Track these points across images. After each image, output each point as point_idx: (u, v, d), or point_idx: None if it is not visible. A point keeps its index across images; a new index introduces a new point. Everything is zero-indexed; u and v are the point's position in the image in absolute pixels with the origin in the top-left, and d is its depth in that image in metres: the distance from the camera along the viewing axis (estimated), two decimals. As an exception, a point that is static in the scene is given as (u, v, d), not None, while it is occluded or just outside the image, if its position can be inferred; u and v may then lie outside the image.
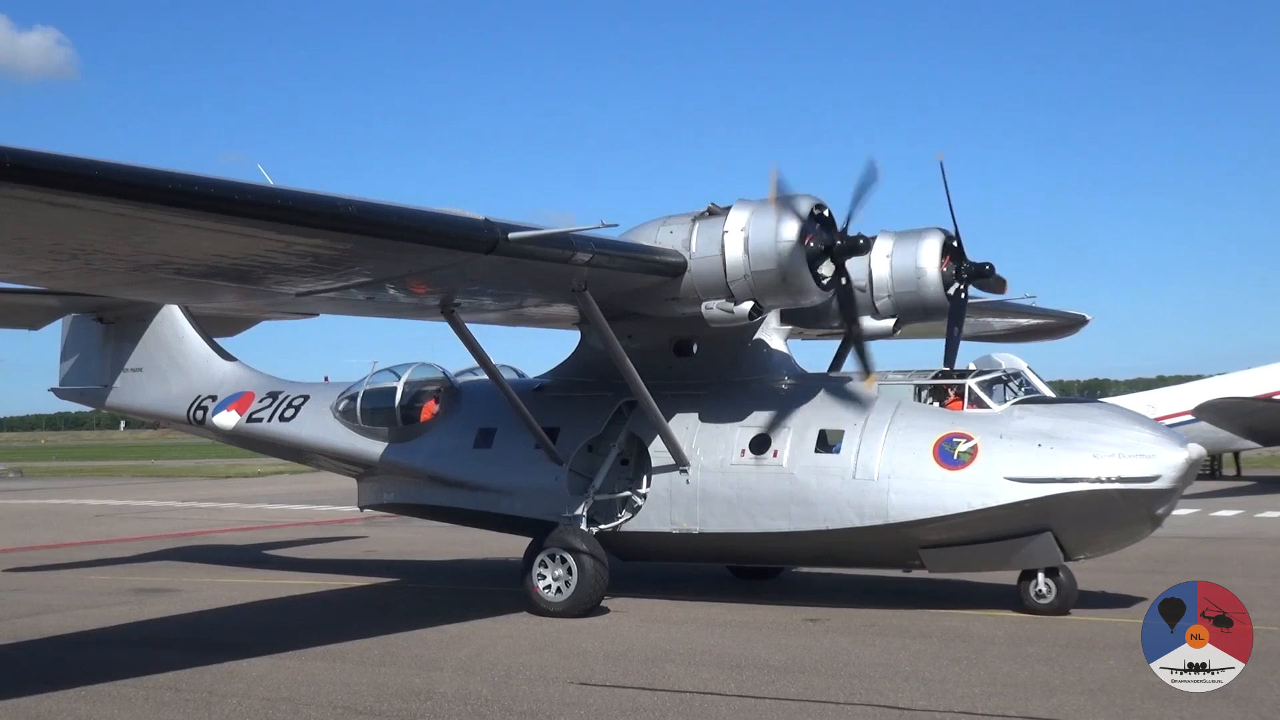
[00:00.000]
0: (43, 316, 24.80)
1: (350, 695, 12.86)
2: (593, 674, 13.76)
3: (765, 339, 19.38)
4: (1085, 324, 26.92)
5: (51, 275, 15.27)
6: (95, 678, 13.68)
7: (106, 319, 24.81)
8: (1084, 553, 17.27)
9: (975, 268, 19.01)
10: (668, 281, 16.91)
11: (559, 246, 15.49)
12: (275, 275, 15.18)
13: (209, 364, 24.50)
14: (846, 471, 17.48)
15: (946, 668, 13.67)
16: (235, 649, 15.20)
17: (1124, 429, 17.06)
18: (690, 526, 18.39)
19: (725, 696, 12.53)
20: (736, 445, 18.29)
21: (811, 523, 17.63)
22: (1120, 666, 13.53)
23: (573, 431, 19.56)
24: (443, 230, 14.63)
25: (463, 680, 13.49)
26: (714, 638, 15.79)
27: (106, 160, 11.53)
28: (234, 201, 12.55)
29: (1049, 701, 12.06)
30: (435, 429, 21.15)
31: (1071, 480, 16.57)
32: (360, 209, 13.70)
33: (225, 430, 23.82)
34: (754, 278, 16.39)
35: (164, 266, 14.35)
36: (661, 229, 17.00)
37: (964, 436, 17.17)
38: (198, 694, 13.01)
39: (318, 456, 23.22)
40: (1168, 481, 16.52)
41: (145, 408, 25.28)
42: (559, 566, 17.88)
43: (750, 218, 16.42)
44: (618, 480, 19.21)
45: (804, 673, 13.58)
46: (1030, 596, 17.10)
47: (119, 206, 11.88)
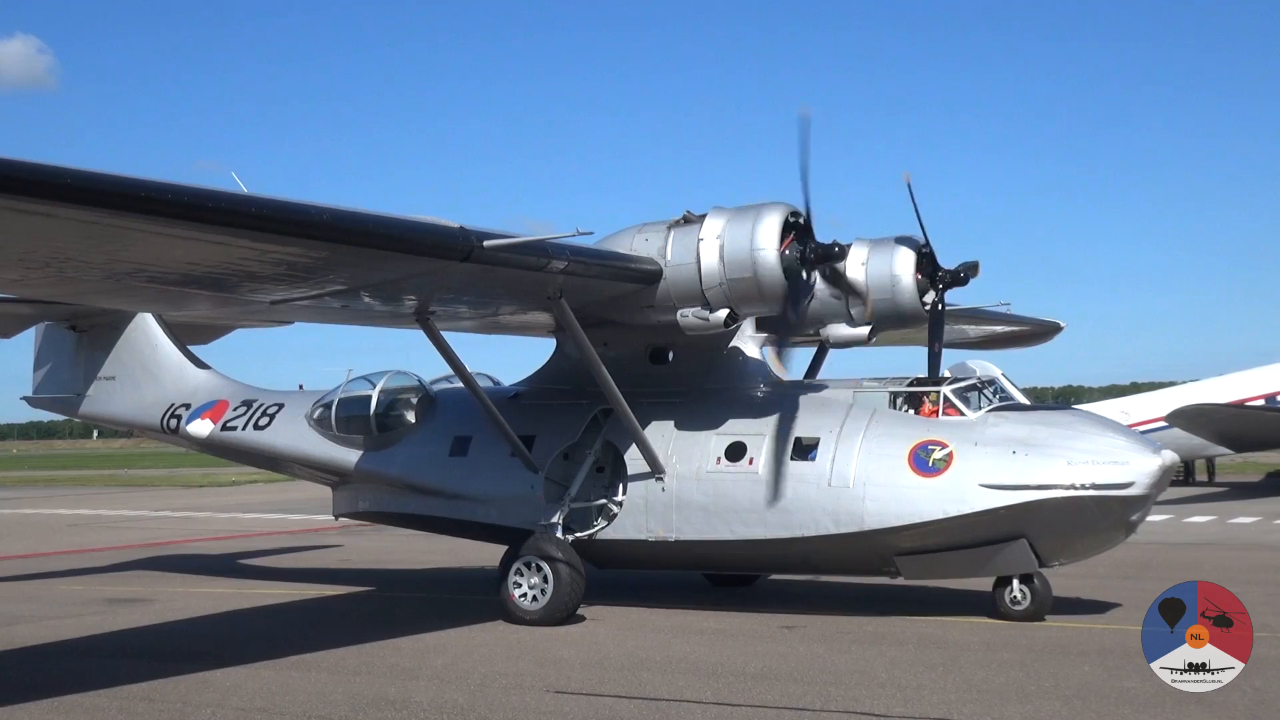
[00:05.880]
0: (15, 325, 24.64)
1: (326, 705, 12.81)
2: (569, 682, 13.73)
3: (741, 347, 19.40)
4: (1059, 331, 27.08)
5: (23, 283, 15.21)
6: (68, 688, 13.60)
7: (80, 327, 24.67)
8: (1059, 559, 17.34)
9: (951, 275, 19.10)
10: (643, 289, 16.92)
11: (534, 254, 15.48)
12: (249, 283, 15.11)
13: (183, 372, 24.40)
14: (822, 479, 17.51)
15: (922, 674, 13.70)
16: (209, 659, 15.13)
17: (1098, 436, 17.15)
18: (666, 534, 18.39)
19: (702, 704, 12.52)
20: (712, 453, 18.30)
21: (787, 530, 17.65)
22: (1095, 672, 13.60)
23: (549, 439, 19.54)
24: (417, 238, 14.60)
25: (439, 689, 13.45)
26: (690, 645, 15.79)
27: (78, 168, 11.46)
28: (207, 209, 12.48)
29: (1024, 707, 12.10)
30: (411, 437, 21.12)
31: (1046, 487, 16.64)
32: (334, 217, 13.66)
33: (199, 439, 23.73)
34: (729, 286, 16.41)
35: (137, 275, 14.27)
36: (637, 237, 17.01)
37: (939, 444, 17.22)
38: (172, 704, 12.93)
39: (292, 465, 23.17)
40: (1141, 488, 16.61)
41: (118, 416, 25.16)
42: (535, 575, 17.85)
43: (725, 226, 16.45)
44: (594, 488, 19.19)
45: (781, 680, 13.59)
46: (1005, 603, 17.16)
47: (91, 214, 11.80)
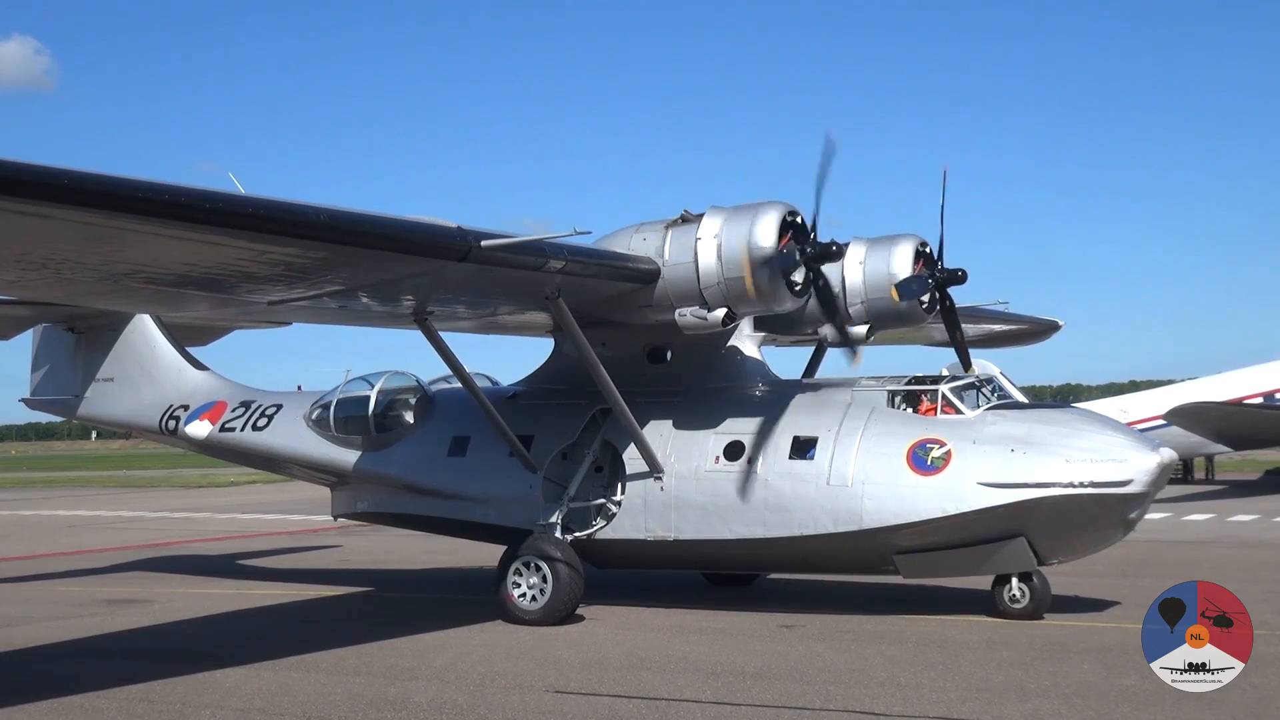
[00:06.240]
0: (13, 326, 24.62)
1: (325, 705, 12.81)
2: (568, 682, 13.73)
3: (739, 346, 19.41)
4: (1057, 329, 27.09)
5: (21, 285, 15.20)
6: (67, 689, 13.59)
7: (78, 329, 24.67)
8: (1057, 557, 17.33)
9: (948, 274, 19.08)
10: (641, 289, 16.92)
11: (532, 254, 15.48)
12: (247, 284, 15.11)
13: (181, 373, 24.40)
14: (821, 477, 17.51)
15: (921, 673, 13.70)
16: (209, 659, 15.12)
17: (1096, 434, 17.15)
18: (665, 533, 18.39)
19: (701, 704, 12.52)
20: (711, 452, 18.30)
21: (786, 529, 17.65)
22: (1094, 670, 13.61)
23: (547, 439, 19.54)
24: (415, 238, 14.60)
25: (438, 689, 13.45)
26: (689, 645, 15.78)
27: (75, 169, 11.46)
28: (204, 210, 12.47)
29: (1024, 706, 12.10)
30: (409, 437, 21.11)
31: (1044, 485, 16.64)
32: (332, 217, 13.66)
33: (198, 440, 23.73)
34: (727, 285, 16.41)
35: (135, 276, 14.26)
36: (635, 236, 17.01)
37: (937, 442, 17.22)
38: (171, 705, 12.93)
39: (291, 466, 23.17)
40: (1140, 486, 16.62)
41: (117, 418, 25.16)
42: (534, 574, 17.85)
43: (723, 225, 16.44)
44: (592, 488, 19.18)
45: (780, 679, 13.59)
46: (1004, 601, 17.16)
47: (88, 216, 11.80)
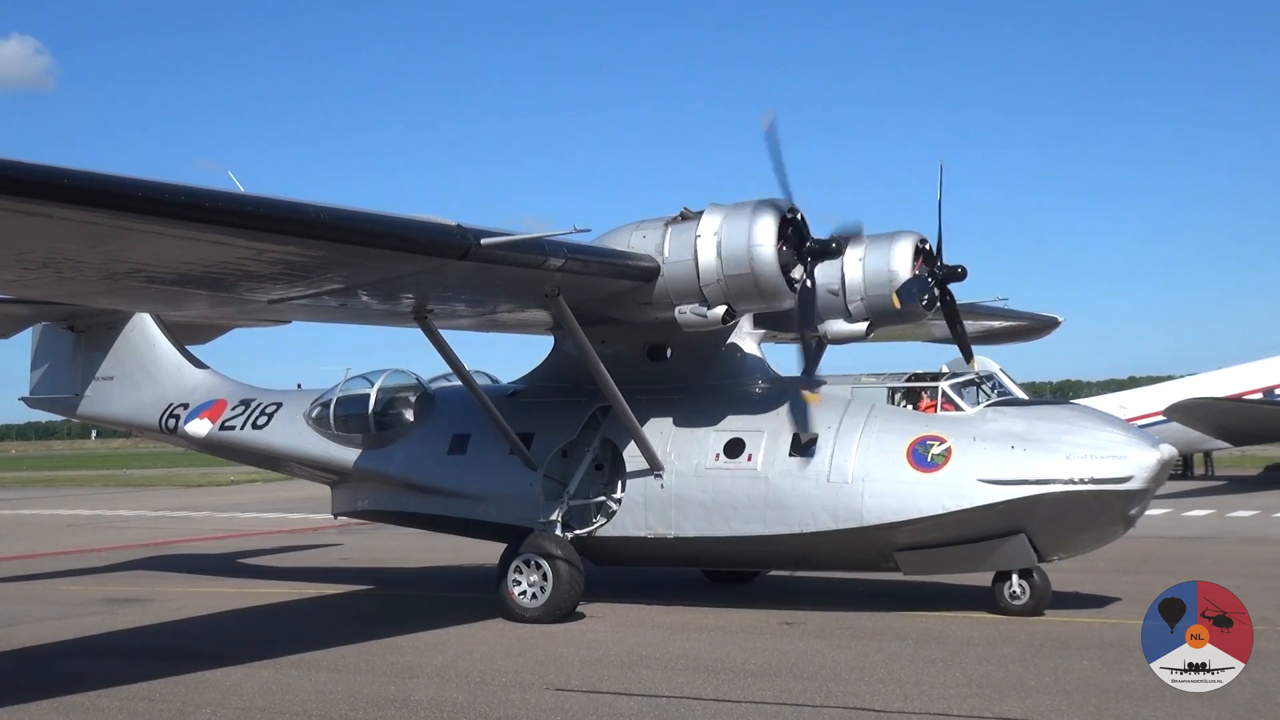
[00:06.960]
0: (13, 325, 24.64)
1: (326, 703, 12.81)
2: (569, 680, 13.73)
3: (739, 343, 19.39)
4: (1057, 326, 27.08)
5: (21, 284, 15.19)
6: (68, 689, 13.60)
7: (77, 327, 24.67)
8: (1058, 554, 17.33)
9: (948, 270, 19.08)
10: (641, 286, 16.91)
11: (531, 252, 15.47)
12: (247, 283, 15.11)
13: (181, 372, 24.40)
14: (821, 475, 17.51)
15: (922, 669, 13.70)
16: (209, 658, 15.12)
17: (1096, 430, 17.15)
18: (665, 531, 18.39)
19: (702, 701, 12.52)
20: (711, 449, 18.30)
21: (786, 526, 17.65)
22: (1095, 666, 13.61)
23: (547, 437, 19.54)
24: (415, 236, 14.59)
25: (439, 687, 13.45)
26: (690, 642, 15.79)
27: (75, 168, 11.45)
28: (204, 209, 12.46)
29: (1024, 702, 12.11)
30: (409, 435, 21.11)
31: (1044, 482, 16.65)
32: (331, 216, 13.65)
33: (198, 438, 23.73)
34: (727, 282, 16.40)
35: (135, 275, 14.26)
36: (634, 234, 17.00)
37: (937, 439, 17.22)
38: (171, 704, 12.93)
39: (291, 464, 23.17)
40: (1140, 482, 16.62)
41: (117, 416, 25.15)
42: (534, 572, 17.85)
43: (723, 222, 16.43)
44: (592, 485, 19.19)
45: (780, 676, 13.60)
46: (1005, 598, 17.16)
47: (88, 215, 11.79)
